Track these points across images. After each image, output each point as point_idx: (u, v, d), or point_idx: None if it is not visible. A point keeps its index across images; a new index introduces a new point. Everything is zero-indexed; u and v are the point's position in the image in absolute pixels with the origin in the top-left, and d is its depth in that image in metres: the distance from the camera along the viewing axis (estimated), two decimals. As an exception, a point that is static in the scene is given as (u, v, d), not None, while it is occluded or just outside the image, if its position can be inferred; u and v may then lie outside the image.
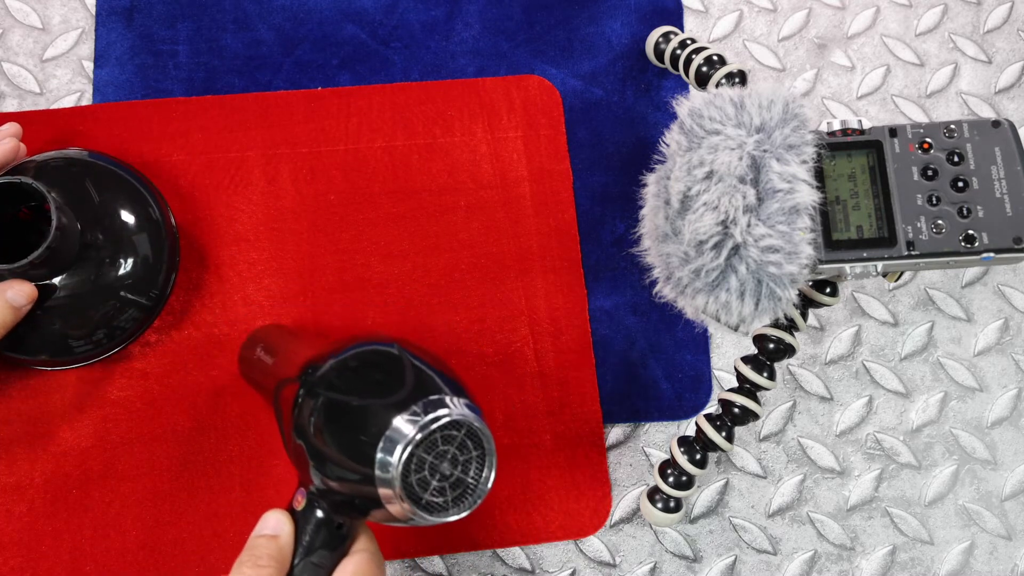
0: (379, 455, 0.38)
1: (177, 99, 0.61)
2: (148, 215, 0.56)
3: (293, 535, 0.42)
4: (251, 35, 0.63)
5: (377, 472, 0.38)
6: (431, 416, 0.38)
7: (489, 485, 0.40)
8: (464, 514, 0.39)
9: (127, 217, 0.55)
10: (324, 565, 0.42)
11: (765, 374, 0.52)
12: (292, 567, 0.42)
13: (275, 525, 0.42)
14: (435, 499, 0.39)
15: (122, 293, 0.55)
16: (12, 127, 0.55)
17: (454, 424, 0.39)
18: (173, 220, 0.58)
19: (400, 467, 0.38)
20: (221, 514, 0.56)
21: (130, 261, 0.55)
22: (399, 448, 0.38)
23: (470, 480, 0.39)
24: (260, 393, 0.54)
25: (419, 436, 0.38)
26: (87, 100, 0.62)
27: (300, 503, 0.43)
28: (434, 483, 0.39)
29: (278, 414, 0.45)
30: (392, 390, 0.40)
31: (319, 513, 0.42)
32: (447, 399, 0.39)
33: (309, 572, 0.42)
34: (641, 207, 0.48)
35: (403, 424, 0.38)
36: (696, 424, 0.54)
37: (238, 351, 0.57)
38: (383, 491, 0.38)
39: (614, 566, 0.58)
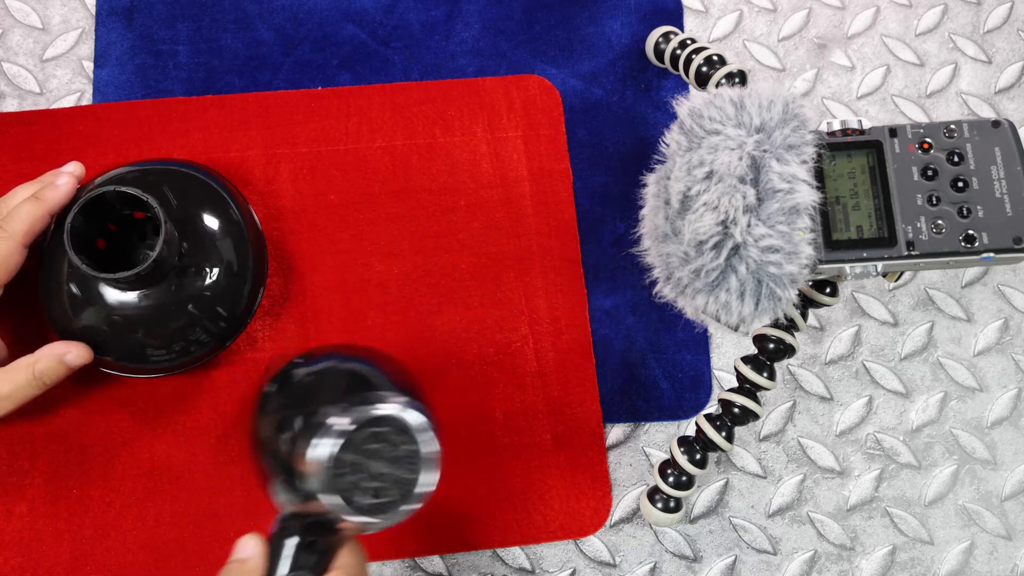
0: (308, 461, 0.38)
1: (177, 99, 0.61)
2: (230, 218, 0.54)
3: (265, 556, 0.42)
4: (251, 35, 0.63)
5: (310, 482, 0.38)
6: (348, 416, 0.38)
7: (423, 479, 0.38)
8: (404, 510, 0.38)
9: (211, 222, 0.54)
10: None
11: (765, 374, 0.52)
12: None
13: (245, 548, 0.42)
14: (374, 501, 0.38)
15: (203, 306, 0.53)
16: (76, 167, 0.53)
17: (380, 420, 0.38)
18: (258, 223, 0.57)
19: (325, 470, 0.38)
20: (221, 514, 0.56)
21: (216, 271, 0.53)
22: (320, 450, 0.38)
23: (410, 477, 0.38)
24: None
25: (335, 437, 0.38)
26: (87, 100, 0.62)
27: (274, 527, 0.42)
28: (371, 485, 0.38)
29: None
30: (324, 402, 0.39)
31: (290, 533, 0.42)
32: (373, 398, 0.38)
33: None
34: (641, 207, 0.48)
35: (327, 431, 0.38)
36: (696, 424, 0.54)
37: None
38: (323, 499, 0.38)
39: (614, 566, 0.58)
